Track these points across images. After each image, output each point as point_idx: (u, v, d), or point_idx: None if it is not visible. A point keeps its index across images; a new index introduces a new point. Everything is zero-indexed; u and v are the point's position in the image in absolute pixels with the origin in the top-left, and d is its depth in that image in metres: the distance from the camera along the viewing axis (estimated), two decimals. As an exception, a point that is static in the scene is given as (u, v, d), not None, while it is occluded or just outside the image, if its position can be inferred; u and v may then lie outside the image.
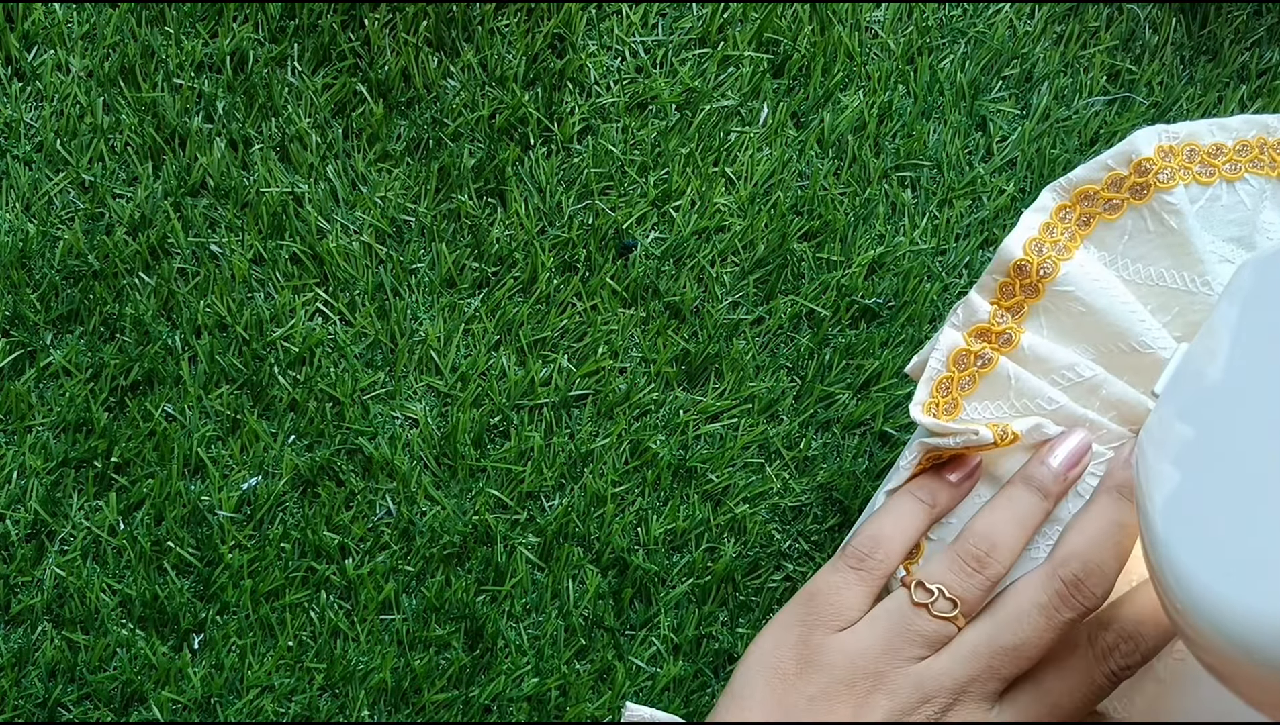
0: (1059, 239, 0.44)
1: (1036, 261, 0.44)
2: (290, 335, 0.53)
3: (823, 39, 0.55)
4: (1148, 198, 0.44)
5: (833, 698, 0.41)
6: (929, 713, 0.41)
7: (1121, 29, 0.56)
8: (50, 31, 0.53)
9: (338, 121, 0.54)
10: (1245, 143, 0.46)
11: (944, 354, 0.45)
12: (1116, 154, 0.44)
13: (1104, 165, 0.44)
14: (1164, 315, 0.44)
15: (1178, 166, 0.44)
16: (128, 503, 0.53)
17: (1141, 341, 0.44)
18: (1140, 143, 0.44)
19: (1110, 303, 0.44)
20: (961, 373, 0.44)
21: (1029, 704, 0.41)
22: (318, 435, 0.53)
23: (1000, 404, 0.44)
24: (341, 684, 0.53)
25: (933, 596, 0.42)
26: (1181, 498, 0.37)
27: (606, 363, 0.54)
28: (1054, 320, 0.44)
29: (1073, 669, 0.41)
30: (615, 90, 0.55)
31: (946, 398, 0.44)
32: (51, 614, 0.52)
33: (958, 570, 0.42)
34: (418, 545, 0.53)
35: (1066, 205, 0.45)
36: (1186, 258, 0.44)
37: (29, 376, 0.52)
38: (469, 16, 0.54)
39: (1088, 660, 0.41)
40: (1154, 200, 0.44)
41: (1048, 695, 0.41)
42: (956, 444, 0.43)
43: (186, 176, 0.53)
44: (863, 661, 0.41)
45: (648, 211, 0.55)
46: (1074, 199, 0.45)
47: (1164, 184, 0.44)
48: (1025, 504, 0.43)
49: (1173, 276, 0.44)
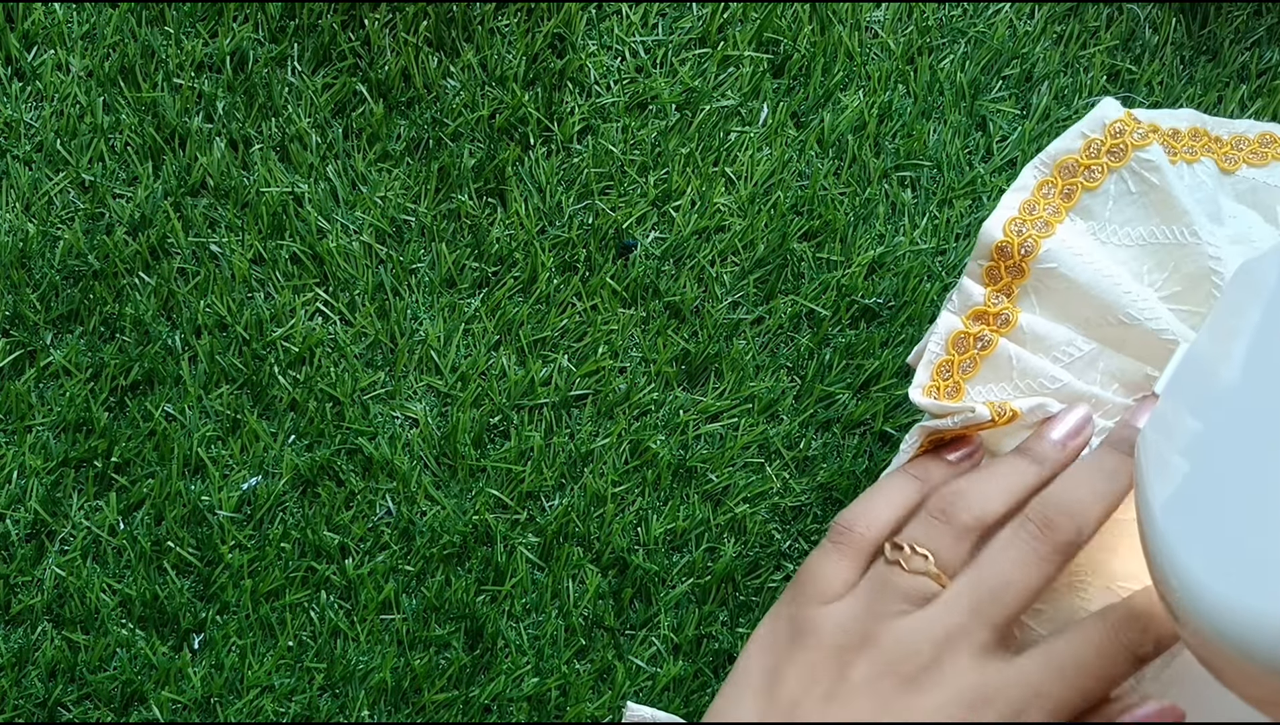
0: (1041, 215, 0.44)
1: (1017, 241, 0.44)
2: (290, 335, 0.53)
3: (823, 39, 0.55)
4: (1126, 159, 0.44)
5: (821, 665, 0.41)
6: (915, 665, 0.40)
7: (1121, 29, 0.56)
8: (50, 31, 0.53)
9: (338, 121, 0.54)
10: (1195, 130, 0.47)
11: (943, 337, 0.45)
12: (1089, 121, 0.45)
13: (1079, 134, 0.45)
14: (1160, 272, 0.44)
15: (1147, 128, 0.45)
16: (128, 503, 0.53)
17: (1128, 313, 0.43)
18: (1109, 108, 0.44)
19: (1094, 276, 0.44)
20: (962, 356, 0.44)
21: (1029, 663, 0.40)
22: (318, 435, 0.53)
23: (1004, 385, 0.44)
24: (341, 684, 0.53)
25: (904, 551, 0.42)
26: (1184, 495, 0.37)
27: (606, 363, 0.54)
28: (1044, 299, 0.44)
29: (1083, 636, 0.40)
30: (615, 90, 0.55)
31: (948, 381, 0.44)
32: (51, 614, 0.52)
33: (925, 523, 0.42)
34: (418, 545, 0.53)
35: (1048, 180, 0.45)
36: (1171, 211, 0.44)
37: (29, 376, 0.52)
38: (469, 16, 0.54)
39: (1100, 630, 0.41)
40: (1132, 160, 0.44)
41: (1054, 659, 0.40)
42: (955, 424, 0.43)
43: (186, 176, 0.53)
44: (849, 624, 0.41)
45: (648, 211, 0.55)
46: (1055, 172, 0.45)
47: (1139, 142, 0.44)
48: (1011, 467, 0.43)
49: (1163, 232, 0.44)
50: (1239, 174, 0.46)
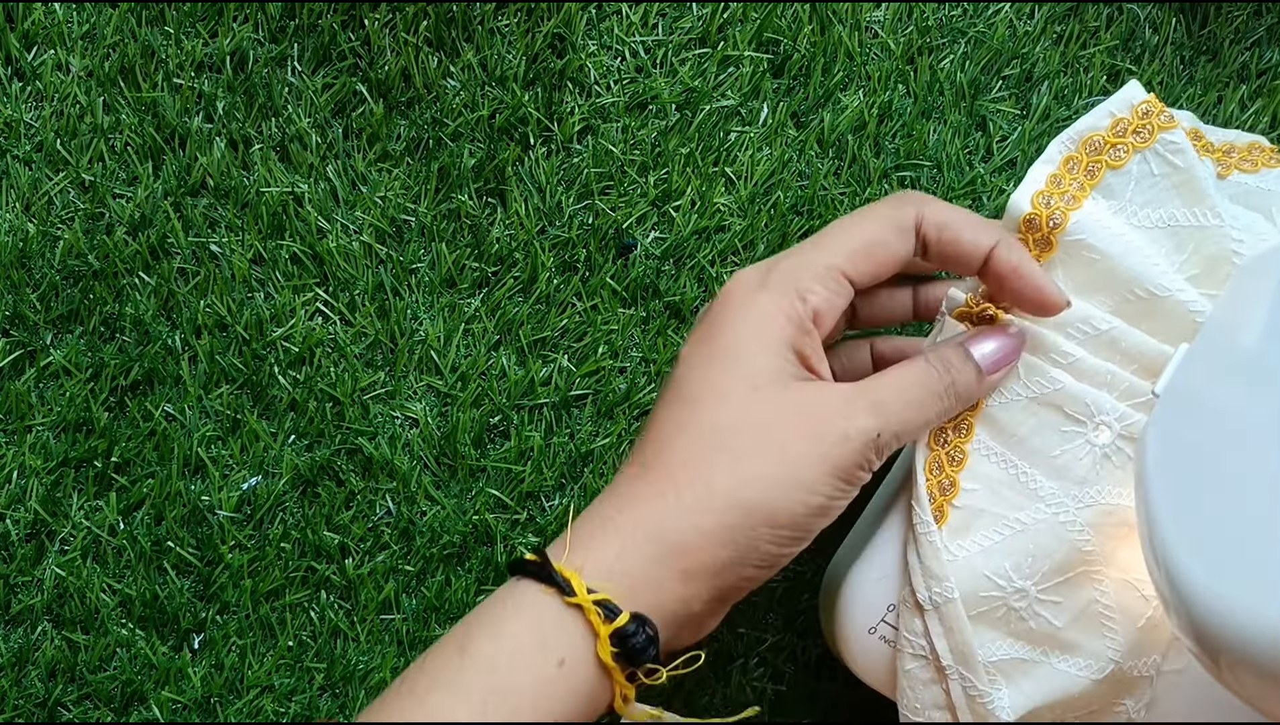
0: (1067, 189, 0.44)
1: (1045, 214, 0.44)
2: (290, 335, 0.53)
3: (823, 39, 0.55)
4: (1151, 140, 0.44)
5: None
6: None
7: (1121, 29, 0.56)
8: (50, 31, 0.53)
9: (338, 121, 0.54)
10: (1195, 130, 0.47)
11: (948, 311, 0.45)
12: (1117, 100, 0.44)
13: (1107, 112, 0.44)
14: (1179, 254, 0.44)
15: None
16: (128, 503, 0.53)
17: (1159, 285, 0.43)
18: (1135, 90, 0.44)
19: (1125, 248, 0.43)
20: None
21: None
22: (318, 435, 0.53)
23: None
24: (341, 684, 0.53)
25: None
26: (1183, 496, 0.37)
27: (606, 362, 0.54)
28: (1070, 272, 0.44)
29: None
30: (615, 90, 0.55)
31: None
32: (51, 614, 0.52)
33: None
34: (418, 545, 0.53)
35: (1074, 156, 0.45)
36: (1193, 193, 0.44)
37: (29, 376, 0.52)
38: (469, 16, 0.54)
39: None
40: (1158, 141, 0.44)
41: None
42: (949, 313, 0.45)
43: (186, 176, 0.53)
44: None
45: (648, 211, 0.55)
46: (1081, 149, 0.45)
47: (1165, 124, 0.44)
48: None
49: (1184, 215, 0.44)
50: (1231, 179, 0.46)
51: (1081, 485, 0.44)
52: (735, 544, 0.40)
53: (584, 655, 0.39)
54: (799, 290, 0.42)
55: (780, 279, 0.43)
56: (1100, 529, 0.44)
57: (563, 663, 0.39)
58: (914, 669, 0.45)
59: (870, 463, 0.42)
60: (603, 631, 0.39)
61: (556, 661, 0.39)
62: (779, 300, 0.42)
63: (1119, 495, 0.44)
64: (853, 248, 0.43)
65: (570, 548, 0.41)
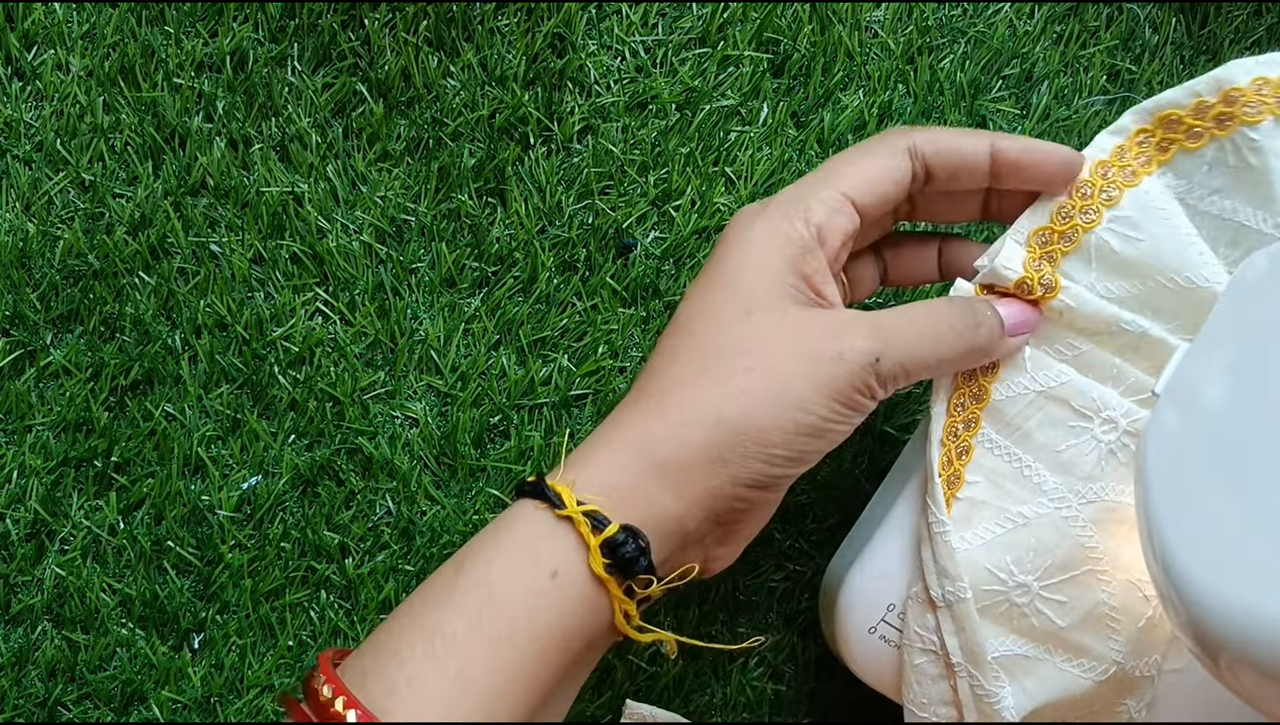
0: (1130, 163, 0.43)
1: (1100, 185, 0.43)
2: (290, 335, 0.53)
3: (823, 39, 0.55)
4: (1231, 129, 0.42)
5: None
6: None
7: (1121, 29, 0.56)
8: (50, 31, 0.53)
9: (338, 121, 0.54)
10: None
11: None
12: (1207, 80, 0.42)
13: (1192, 91, 0.43)
14: (1234, 251, 0.43)
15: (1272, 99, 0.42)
16: (128, 502, 0.53)
17: (1200, 276, 0.42)
18: (1235, 70, 0.42)
19: (1172, 231, 0.43)
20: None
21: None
22: (318, 435, 0.53)
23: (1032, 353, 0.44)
24: (341, 684, 0.53)
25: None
26: (1183, 496, 0.37)
27: (606, 362, 0.54)
28: (1106, 253, 0.43)
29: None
30: (615, 90, 0.55)
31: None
32: (51, 614, 0.52)
33: None
34: (418, 545, 0.53)
35: (1147, 129, 0.44)
36: (1260, 196, 0.42)
37: (29, 376, 0.52)
38: (469, 16, 0.54)
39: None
40: (1237, 133, 0.42)
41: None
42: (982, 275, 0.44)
43: (186, 176, 0.53)
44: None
45: (648, 211, 0.55)
46: (1155, 123, 0.43)
47: (1250, 117, 0.42)
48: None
49: (1246, 214, 0.43)
50: None
51: (1086, 481, 0.44)
52: (724, 461, 0.40)
53: (577, 567, 0.39)
54: (800, 212, 0.42)
55: (780, 203, 0.43)
56: (1103, 526, 0.43)
57: (555, 574, 0.39)
58: (923, 664, 0.45)
59: (870, 388, 0.41)
60: (593, 542, 0.39)
61: (549, 573, 0.39)
62: (779, 223, 0.42)
63: (1123, 492, 0.44)
64: (850, 173, 0.43)
65: (565, 467, 0.41)
